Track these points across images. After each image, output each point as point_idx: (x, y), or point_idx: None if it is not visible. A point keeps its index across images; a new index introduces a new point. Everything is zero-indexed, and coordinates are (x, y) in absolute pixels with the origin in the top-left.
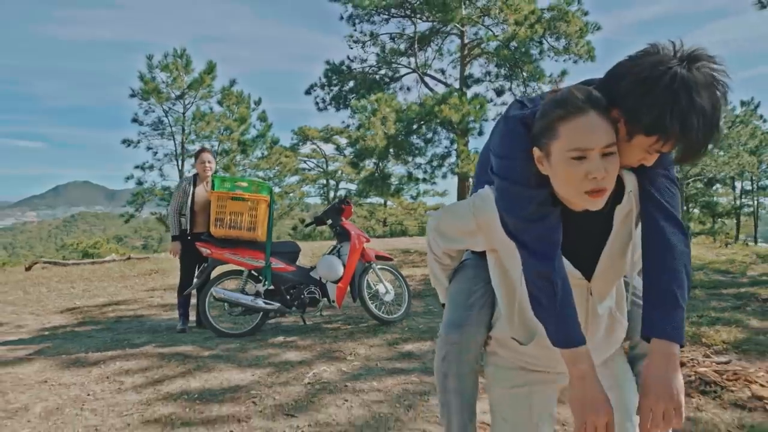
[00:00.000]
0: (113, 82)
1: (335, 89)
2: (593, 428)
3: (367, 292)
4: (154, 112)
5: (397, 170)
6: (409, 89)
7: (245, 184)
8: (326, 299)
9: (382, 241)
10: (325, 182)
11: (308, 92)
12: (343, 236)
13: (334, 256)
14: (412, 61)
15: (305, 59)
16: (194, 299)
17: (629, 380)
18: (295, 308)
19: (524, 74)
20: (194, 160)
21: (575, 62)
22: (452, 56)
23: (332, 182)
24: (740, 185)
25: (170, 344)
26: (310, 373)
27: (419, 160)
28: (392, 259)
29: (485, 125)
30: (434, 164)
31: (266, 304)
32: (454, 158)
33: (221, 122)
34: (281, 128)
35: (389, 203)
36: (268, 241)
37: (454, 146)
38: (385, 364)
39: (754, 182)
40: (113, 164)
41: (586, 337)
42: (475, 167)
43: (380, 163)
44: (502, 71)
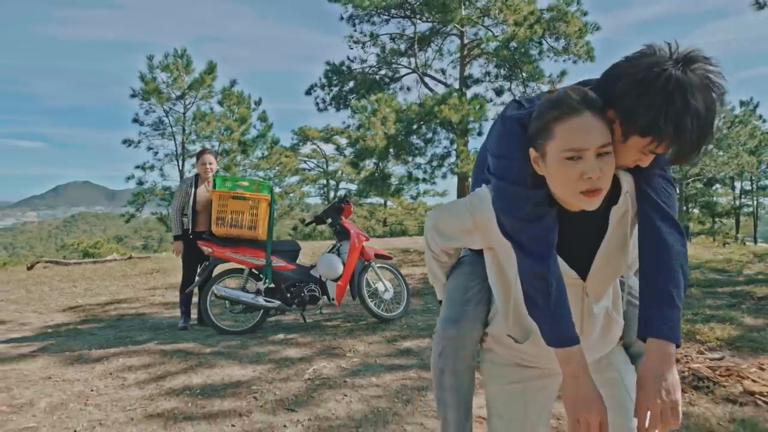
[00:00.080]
0: (113, 82)
1: (335, 89)
2: (586, 426)
3: (366, 290)
4: (154, 112)
5: (397, 170)
6: (409, 89)
7: (246, 183)
8: (326, 297)
9: (382, 240)
10: (325, 182)
11: (308, 92)
12: (342, 235)
13: (333, 254)
14: (412, 61)
15: (305, 59)
16: (196, 297)
17: (630, 380)
18: (295, 306)
19: (524, 74)
20: (195, 160)
21: (574, 62)
22: (452, 56)
23: (332, 182)
24: (740, 185)
25: (172, 341)
26: (310, 369)
27: (419, 160)
28: (391, 257)
29: (485, 125)
30: (434, 164)
31: (267, 301)
32: (453, 158)
33: (222, 122)
34: (281, 128)
35: (389, 203)
36: (268, 239)
37: (453, 146)
38: (383, 360)
39: (753, 182)
40: (113, 164)
41: (581, 336)
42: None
43: (380, 163)
44: (501, 71)
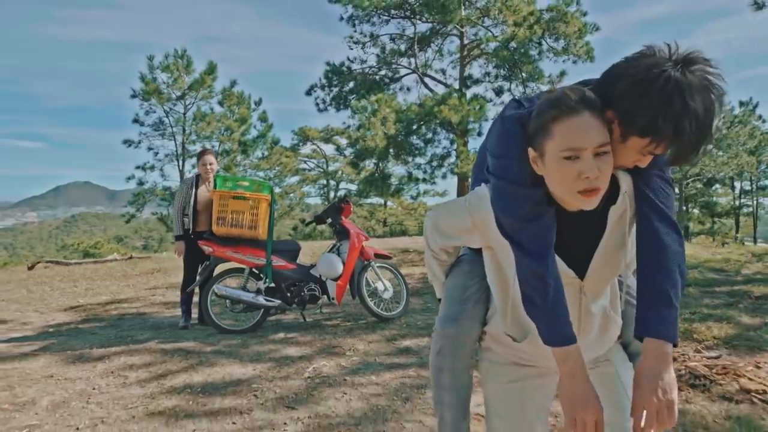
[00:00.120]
0: (114, 82)
1: (335, 90)
2: (582, 424)
3: (366, 289)
4: (155, 112)
5: (397, 170)
6: (409, 90)
7: (247, 183)
8: (326, 296)
9: (382, 240)
10: (325, 182)
11: (309, 93)
12: (342, 235)
13: (333, 254)
14: (412, 61)
15: (305, 60)
16: (197, 297)
17: (628, 378)
18: (295, 305)
19: (523, 75)
20: (196, 161)
21: (574, 63)
22: (452, 57)
23: (332, 182)
24: (739, 185)
25: (173, 340)
26: (310, 367)
27: (419, 160)
28: (391, 257)
29: (485, 126)
30: (434, 164)
31: (267, 301)
32: (453, 158)
33: (222, 123)
34: (282, 129)
35: (389, 203)
36: (269, 239)
37: (453, 146)
38: (383, 359)
39: (753, 182)
40: (114, 164)
41: (579, 335)
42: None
43: (380, 163)
44: (501, 72)
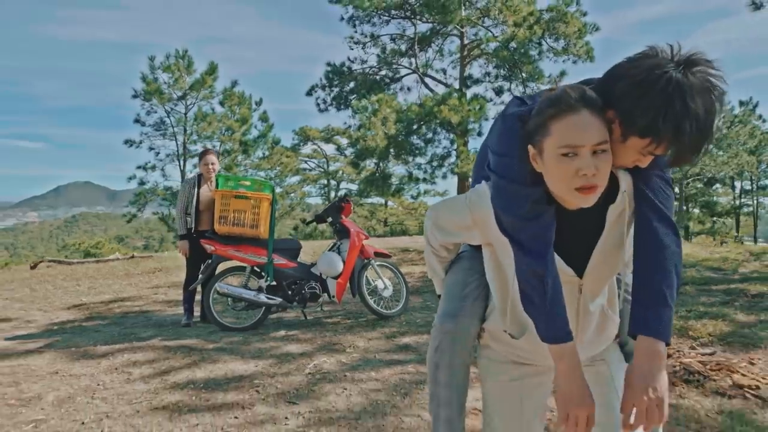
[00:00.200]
0: (114, 82)
1: (336, 90)
2: (575, 420)
3: (366, 287)
4: (156, 112)
5: (397, 170)
6: (409, 90)
7: (248, 182)
8: (326, 294)
9: (382, 240)
10: (326, 182)
11: (309, 93)
12: (342, 233)
13: (334, 252)
14: (412, 61)
15: (306, 60)
16: (199, 295)
17: (621, 379)
18: (296, 303)
19: (523, 75)
20: (198, 161)
21: (574, 63)
22: (452, 57)
23: (333, 182)
24: (740, 185)
25: (175, 338)
26: (310, 364)
27: (419, 160)
28: (390, 255)
29: (485, 126)
30: (434, 164)
31: (268, 299)
32: (453, 158)
33: (223, 123)
34: (282, 129)
35: (390, 203)
36: (270, 238)
37: (453, 146)
38: (383, 355)
39: (753, 182)
40: (114, 165)
41: (576, 333)
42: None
43: (381, 163)
44: (501, 72)
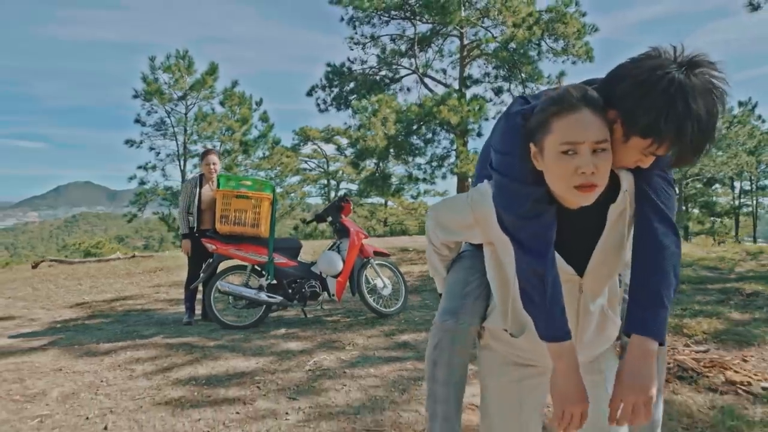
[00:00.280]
0: (114, 82)
1: (336, 90)
2: (569, 417)
3: (365, 286)
4: (156, 112)
5: (397, 170)
6: (409, 90)
7: (249, 182)
8: (326, 293)
9: (382, 240)
10: (326, 182)
11: (309, 93)
12: (342, 233)
13: (333, 251)
14: (412, 62)
15: (306, 60)
16: (200, 293)
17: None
18: (296, 301)
19: (523, 75)
20: (200, 161)
21: (574, 63)
22: (452, 57)
23: (333, 182)
24: (739, 185)
25: (177, 335)
26: (310, 361)
27: (419, 160)
28: (389, 255)
29: (484, 126)
30: (434, 164)
31: (269, 297)
32: (453, 158)
33: (223, 123)
34: (283, 129)
35: (390, 203)
36: (270, 237)
37: (453, 147)
38: (381, 353)
39: (753, 182)
40: (115, 165)
41: (576, 333)
42: (474, 166)
43: (380, 163)
44: (500, 72)
